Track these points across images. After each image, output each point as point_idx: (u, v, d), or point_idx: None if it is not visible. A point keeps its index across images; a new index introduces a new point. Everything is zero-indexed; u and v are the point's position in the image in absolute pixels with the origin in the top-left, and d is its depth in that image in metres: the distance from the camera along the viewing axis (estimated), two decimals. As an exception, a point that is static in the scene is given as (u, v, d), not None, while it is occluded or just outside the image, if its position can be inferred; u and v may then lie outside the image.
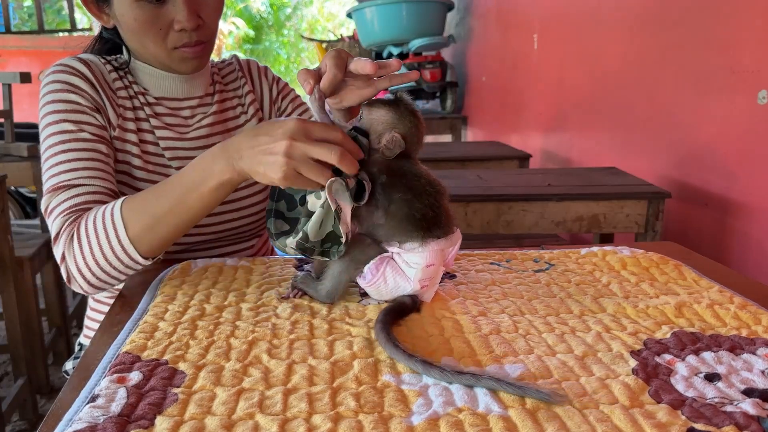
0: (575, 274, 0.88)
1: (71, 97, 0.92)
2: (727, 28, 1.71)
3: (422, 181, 0.73)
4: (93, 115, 0.93)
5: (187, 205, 0.79)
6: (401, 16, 3.81)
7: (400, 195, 0.72)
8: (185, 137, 1.01)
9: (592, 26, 2.52)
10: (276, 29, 9.25)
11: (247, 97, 1.10)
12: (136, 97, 1.00)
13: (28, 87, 2.43)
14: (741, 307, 0.75)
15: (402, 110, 0.75)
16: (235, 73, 1.12)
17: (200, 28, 0.93)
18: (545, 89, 2.98)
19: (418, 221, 0.72)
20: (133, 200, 0.81)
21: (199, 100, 1.04)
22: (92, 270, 0.82)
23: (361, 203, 0.71)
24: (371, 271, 0.73)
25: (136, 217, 0.80)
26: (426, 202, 0.72)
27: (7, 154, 2.28)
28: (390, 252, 0.74)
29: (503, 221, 1.73)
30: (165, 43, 0.93)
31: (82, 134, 0.90)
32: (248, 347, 0.65)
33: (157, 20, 0.90)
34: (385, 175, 0.72)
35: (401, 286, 0.74)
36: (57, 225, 0.85)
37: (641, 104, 2.15)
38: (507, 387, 0.54)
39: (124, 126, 0.96)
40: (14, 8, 5.59)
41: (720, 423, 0.51)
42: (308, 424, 0.51)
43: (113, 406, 0.53)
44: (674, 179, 1.97)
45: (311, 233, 0.72)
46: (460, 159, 2.58)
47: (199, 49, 0.96)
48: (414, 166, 0.75)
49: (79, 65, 0.95)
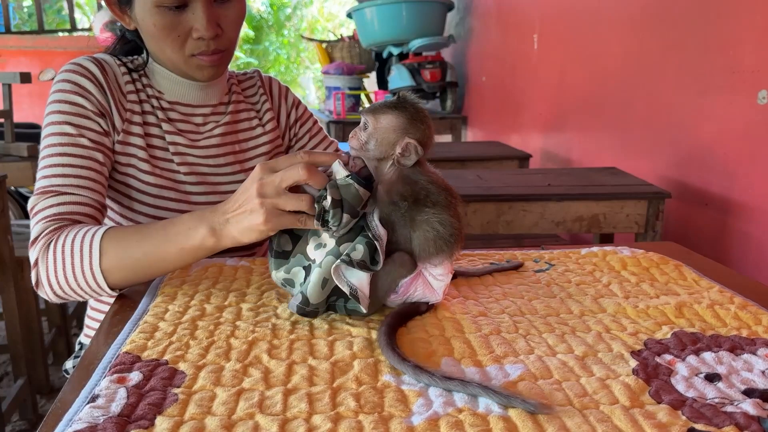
0: (575, 274, 0.88)
1: (78, 100, 0.92)
2: (727, 28, 1.71)
3: (444, 195, 0.70)
4: (96, 121, 0.93)
5: (165, 256, 0.80)
6: (401, 16, 3.81)
7: (427, 217, 0.69)
8: (196, 145, 1.01)
9: (592, 26, 2.52)
10: (276, 29, 9.24)
11: (267, 114, 1.10)
12: (148, 101, 0.99)
13: (28, 87, 2.43)
14: (741, 308, 0.74)
15: (411, 111, 0.70)
16: (256, 87, 1.12)
17: (218, 37, 0.93)
18: (545, 89, 2.98)
19: (447, 240, 0.69)
20: (116, 234, 0.81)
21: (212, 108, 1.04)
22: (60, 284, 0.83)
23: (377, 268, 0.68)
24: (405, 287, 0.72)
25: (113, 252, 0.80)
26: (451, 214, 0.70)
27: (7, 154, 2.28)
28: (421, 267, 0.72)
29: (503, 221, 1.73)
30: (183, 49, 0.93)
31: (81, 140, 0.90)
32: (248, 347, 0.65)
33: (176, 27, 0.90)
34: (406, 202, 0.69)
35: (427, 297, 0.74)
36: (37, 229, 0.85)
37: (641, 104, 2.15)
38: (493, 396, 0.54)
39: (129, 130, 0.96)
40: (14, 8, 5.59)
41: (720, 423, 0.51)
42: (308, 424, 0.51)
43: (113, 406, 0.53)
44: (674, 179, 1.97)
45: (312, 296, 0.69)
46: (460, 159, 2.58)
47: (216, 57, 0.95)
48: (430, 175, 0.71)
49: (92, 66, 0.94)
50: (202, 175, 1.01)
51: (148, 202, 0.97)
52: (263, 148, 1.08)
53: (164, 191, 0.97)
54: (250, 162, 1.06)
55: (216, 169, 1.02)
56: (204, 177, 1.01)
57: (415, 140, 0.69)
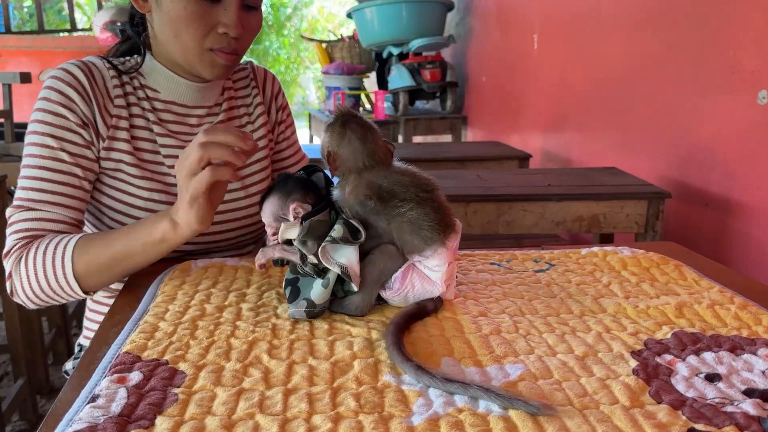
0: (575, 274, 0.88)
1: (62, 111, 0.92)
2: (727, 28, 1.71)
3: (412, 190, 0.71)
4: (79, 132, 0.93)
5: (131, 254, 0.86)
6: (401, 16, 3.81)
7: (398, 212, 0.70)
8: None
9: (592, 26, 2.52)
10: (276, 29, 9.24)
11: (257, 108, 1.11)
12: (138, 103, 0.99)
13: (28, 87, 2.43)
14: (741, 308, 0.74)
15: (334, 125, 0.74)
16: (248, 79, 1.12)
17: (240, 39, 0.94)
18: (545, 89, 2.98)
19: (431, 229, 0.70)
20: (86, 242, 0.87)
21: (207, 110, 1.04)
22: (35, 293, 0.88)
23: (361, 239, 0.70)
24: (398, 281, 0.73)
25: (84, 259, 0.86)
26: (427, 206, 0.71)
27: (7, 154, 2.28)
28: (411, 260, 0.73)
29: (503, 221, 1.73)
30: (203, 41, 0.92)
31: (61, 154, 0.92)
32: (248, 347, 0.65)
33: (204, 17, 0.90)
34: (371, 200, 0.70)
35: (428, 290, 0.74)
36: (10, 243, 0.90)
37: (641, 104, 2.15)
38: (495, 398, 0.53)
39: (114, 136, 0.96)
40: (14, 8, 5.59)
41: (720, 423, 0.51)
42: (308, 424, 0.51)
43: (113, 406, 0.53)
44: (674, 179, 1.97)
45: (317, 299, 0.71)
46: (460, 159, 2.58)
47: (232, 57, 0.95)
48: (394, 175, 0.73)
49: (78, 73, 0.94)
50: None
51: (140, 206, 0.96)
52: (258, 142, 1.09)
53: (155, 194, 0.97)
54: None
55: None
56: None
57: (333, 151, 0.74)
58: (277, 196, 0.75)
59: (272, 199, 0.76)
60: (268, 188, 0.78)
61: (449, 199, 0.75)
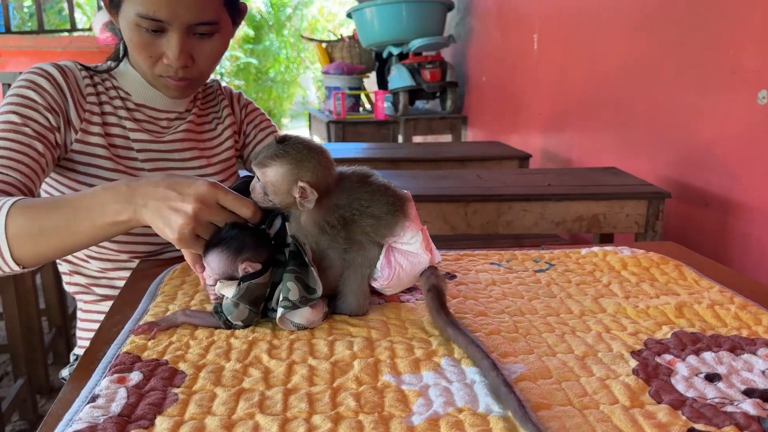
0: (575, 274, 0.88)
1: (29, 94, 0.93)
2: (727, 28, 1.71)
3: (357, 192, 0.71)
4: (45, 115, 0.93)
5: (75, 230, 0.76)
6: (401, 16, 3.81)
7: (354, 213, 0.70)
8: (161, 140, 1.03)
9: (592, 26, 2.52)
10: (276, 29, 9.23)
11: (225, 110, 1.13)
12: (110, 102, 1.01)
13: (28, 87, 2.42)
14: (741, 308, 0.74)
15: (293, 155, 0.69)
16: (217, 98, 1.14)
17: (188, 68, 0.95)
18: (545, 89, 2.98)
19: (389, 211, 0.70)
20: (27, 204, 0.78)
21: (178, 114, 1.06)
22: None
23: (318, 293, 0.69)
24: (385, 266, 0.72)
25: (20, 221, 0.76)
26: (377, 194, 0.71)
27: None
28: (387, 244, 0.73)
29: (503, 221, 1.73)
30: (153, 68, 0.95)
31: (24, 128, 0.91)
32: (248, 347, 0.65)
33: (149, 47, 0.92)
34: (336, 223, 0.70)
35: (416, 263, 0.72)
36: None
37: (641, 104, 2.15)
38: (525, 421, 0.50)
39: (88, 129, 0.97)
40: (14, 8, 5.59)
41: (720, 423, 0.51)
42: (308, 424, 0.51)
43: (113, 406, 0.53)
44: (674, 179, 1.97)
45: (293, 294, 0.68)
46: (460, 159, 2.58)
47: (183, 83, 0.97)
48: (342, 184, 0.72)
49: (52, 69, 0.96)
50: (168, 171, 1.02)
51: None
52: (227, 143, 1.12)
53: None
54: (216, 157, 1.09)
55: (182, 164, 1.04)
56: (170, 172, 1.02)
57: (307, 181, 0.68)
58: (227, 254, 0.69)
59: (222, 255, 0.69)
60: (217, 238, 0.71)
61: (449, 198, 0.75)
